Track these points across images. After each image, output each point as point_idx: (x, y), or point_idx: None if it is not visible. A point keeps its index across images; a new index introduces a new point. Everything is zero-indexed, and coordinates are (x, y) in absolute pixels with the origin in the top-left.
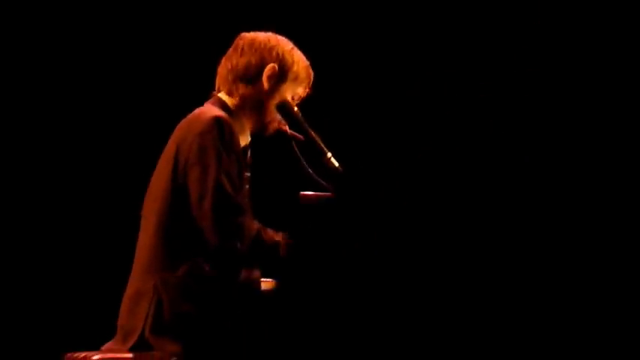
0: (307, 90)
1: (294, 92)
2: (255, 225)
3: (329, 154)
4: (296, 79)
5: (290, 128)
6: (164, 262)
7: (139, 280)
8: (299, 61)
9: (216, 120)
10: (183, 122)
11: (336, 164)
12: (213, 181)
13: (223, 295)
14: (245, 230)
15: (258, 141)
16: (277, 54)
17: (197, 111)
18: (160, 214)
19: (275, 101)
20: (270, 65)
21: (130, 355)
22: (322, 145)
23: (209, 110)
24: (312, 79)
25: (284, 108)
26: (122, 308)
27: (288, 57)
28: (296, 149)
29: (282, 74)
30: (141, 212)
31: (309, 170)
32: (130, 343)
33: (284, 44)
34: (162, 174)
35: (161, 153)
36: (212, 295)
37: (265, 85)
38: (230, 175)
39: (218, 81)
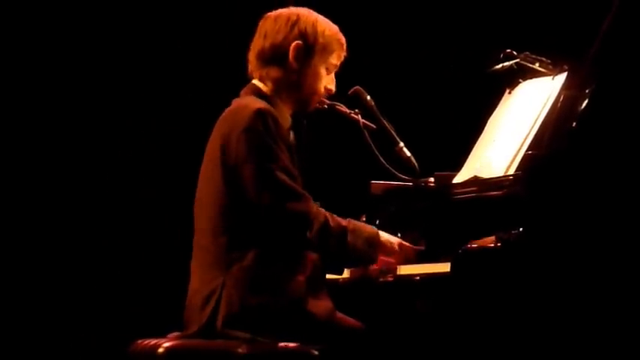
0: (342, 57)
1: (328, 63)
2: (322, 212)
3: (401, 144)
4: (324, 50)
5: (362, 117)
6: (228, 259)
7: (205, 278)
8: (323, 31)
9: (258, 113)
10: (225, 115)
11: (408, 154)
12: (269, 177)
13: (291, 282)
14: (311, 217)
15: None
16: (300, 30)
17: (236, 103)
18: (215, 215)
19: (310, 78)
20: (294, 43)
21: (200, 341)
22: (394, 135)
23: (248, 102)
24: (343, 44)
25: (357, 96)
26: (190, 304)
27: (310, 30)
28: (368, 138)
29: (307, 49)
30: (193, 210)
31: (381, 159)
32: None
33: (305, 18)
34: (210, 174)
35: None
36: (279, 284)
37: (294, 64)
38: (285, 167)
39: (250, 67)
